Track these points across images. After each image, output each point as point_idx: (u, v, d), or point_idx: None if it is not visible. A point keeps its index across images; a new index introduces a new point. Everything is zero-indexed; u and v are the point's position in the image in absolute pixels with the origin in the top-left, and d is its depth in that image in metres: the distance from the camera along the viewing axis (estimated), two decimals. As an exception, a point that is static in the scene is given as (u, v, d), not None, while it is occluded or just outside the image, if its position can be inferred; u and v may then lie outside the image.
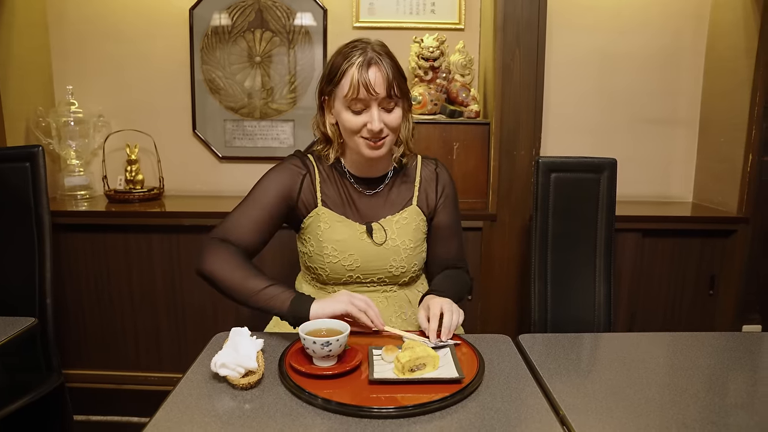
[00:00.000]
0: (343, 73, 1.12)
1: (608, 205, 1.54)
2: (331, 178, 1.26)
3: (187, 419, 0.82)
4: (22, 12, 2.06)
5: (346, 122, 1.15)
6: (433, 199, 1.29)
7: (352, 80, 1.11)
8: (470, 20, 2.22)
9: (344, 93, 1.12)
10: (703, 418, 0.85)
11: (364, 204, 1.25)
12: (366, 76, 1.10)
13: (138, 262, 2.00)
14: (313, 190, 1.24)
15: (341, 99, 1.14)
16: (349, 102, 1.13)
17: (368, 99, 1.12)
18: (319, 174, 1.26)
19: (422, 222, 1.28)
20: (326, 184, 1.25)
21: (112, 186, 2.23)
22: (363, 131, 1.15)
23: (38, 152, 1.60)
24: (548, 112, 2.20)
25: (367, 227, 1.22)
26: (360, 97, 1.12)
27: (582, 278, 1.54)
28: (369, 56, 1.12)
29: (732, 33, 2.05)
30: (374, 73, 1.11)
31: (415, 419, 0.83)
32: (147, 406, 0.92)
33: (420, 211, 1.27)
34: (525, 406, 0.88)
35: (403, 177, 1.29)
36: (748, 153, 1.95)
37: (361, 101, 1.12)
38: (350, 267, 1.22)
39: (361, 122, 1.14)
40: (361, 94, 1.11)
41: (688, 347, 1.13)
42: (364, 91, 1.11)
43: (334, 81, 1.14)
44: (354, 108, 1.14)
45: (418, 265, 1.28)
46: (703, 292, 2.05)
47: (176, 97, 2.25)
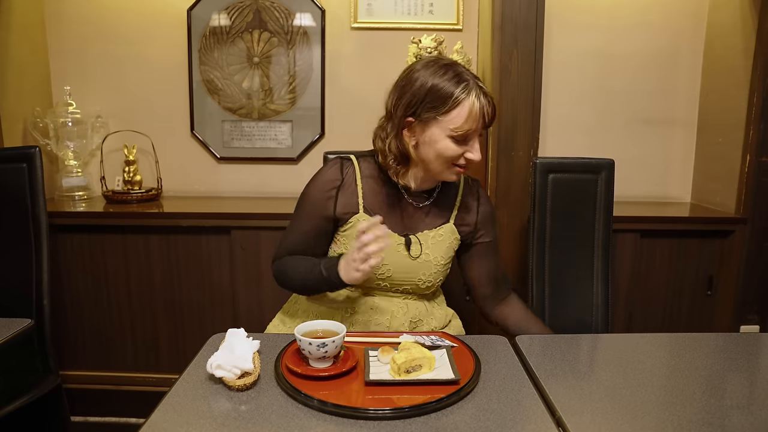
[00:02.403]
0: (457, 102, 1.09)
1: (606, 205, 1.54)
2: (378, 185, 1.24)
3: (182, 420, 0.82)
4: (19, 12, 2.06)
5: (445, 150, 1.12)
6: (472, 221, 1.29)
7: (472, 110, 1.09)
8: (468, 21, 2.22)
9: (456, 122, 1.10)
10: (700, 419, 0.85)
11: (409, 215, 1.25)
12: (486, 107, 1.11)
13: (136, 263, 1.99)
14: (355, 196, 1.22)
15: (446, 127, 1.10)
16: (458, 131, 1.10)
17: (477, 130, 1.12)
18: (362, 180, 1.23)
19: (455, 241, 1.27)
20: (370, 190, 1.23)
21: (110, 187, 2.23)
22: (460, 160, 1.14)
23: (35, 153, 1.60)
24: (546, 113, 2.20)
25: (406, 240, 1.22)
26: (474, 128, 1.11)
27: (580, 279, 1.54)
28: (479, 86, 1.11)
29: (730, 34, 2.05)
30: (488, 106, 1.11)
31: (411, 420, 0.83)
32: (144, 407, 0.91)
33: (455, 230, 1.27)
34: (521, 407, 0.88)
35: (445, 193, 1.28)
36: (745, 153, 1.95)
37: (470, 131, 1.11)
38: (381, 276, 1.21)
39: (461, 151, 1.13)
40: (478, 125, 1.11)
41: (685, 348, 1.13)
42: (482, 121, 1.11)
43: (442, 108, 1.10)
44: (458, 137, 1.11)
45: (442, 280, 1.29)
46: (701, 292, 2.05)
47: (174, 98, 2.25)
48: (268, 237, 1.94)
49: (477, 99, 1.09)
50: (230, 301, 2.01)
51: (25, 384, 1.52)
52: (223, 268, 1.99)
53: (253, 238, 1.95)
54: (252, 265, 1.97)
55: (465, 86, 1.09)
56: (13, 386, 1.50)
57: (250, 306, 2.00)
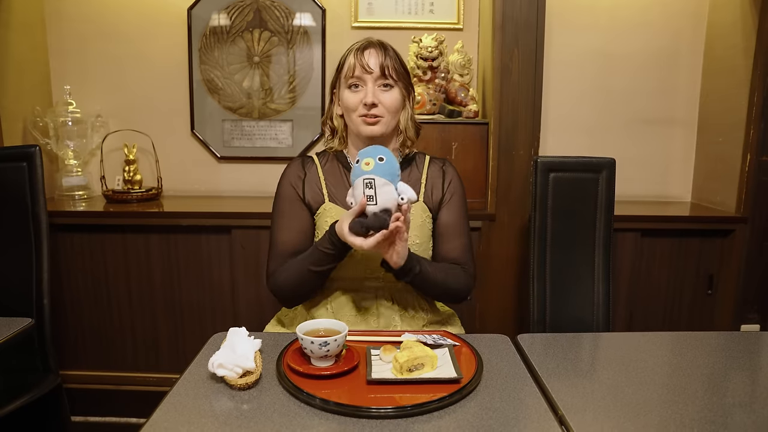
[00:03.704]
0: (344, 59, 1.24)
1: (607, 204, 1.54)
2: (338, 174, 1.29)
3: (184, 420, 0.82)
4: (19, 11, 2.06)
5: (345, 101, 1.23)
6: (438, 196, 1.29)
7: (350, 62, 1.22)
8: (469, 20, 2.22)
9: (344, 74, 1.23)
10: (701, 418, 0.85)
11: None
12: (361, 55, 1.21)
13: (136, 263, 1.99)
14: (319, 188, 1.27)
15: (343, 81, 1.24)
16: (347, 81, 1.22)
17: (363, 76, 1.20)
18: (323, 171, 1.29)
19: (428, 219, 1.28)
20: (332, 180, 1.28)
21: (110, 186, 2.22)
22: (360, 108, 1.21)
23: (35, 152, 1.59)
24: (547, 112, 2.20)
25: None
26: (356, 75, 1.21)
27: (581, 278, 1.54)
28: (368, 41, 1.23)
29: (730, 33, 2.05)
30: (368, 54, 1.21)
31: (414, 419, 0.83)
32: (145, 406, 0.91)
33: (426, 208, 1.28)
34: (524, 406, 0.88)
35: (410, 173, 1.30)
36: (746, 153, 1.96)
37: (358, 79, 1.21)
38: (358, 261, 1.22)
39: (358, 99, 1.21)
40: (357, 72, 1.20)
41: (686, 347, 1.13)
42: (360, 68, 1.20)
43: (338, 69, 1.25)
44: (353, 87, 1.22)
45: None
46: (702, 291, 2.05)
47: (174, 97, 2.25)
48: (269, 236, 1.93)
49: (355, 51, 1.21)
50: (230, 300, 2.00)
51: (26, 383, 1.51)
52: (224, 267, 1.99)
53: (253, 238, 1.95)
54: (252, 264, 1.96)
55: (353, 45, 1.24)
56: (13, 386, 1.50)
57: (250, 305, 1.99)
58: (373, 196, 1.04)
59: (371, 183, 1.04)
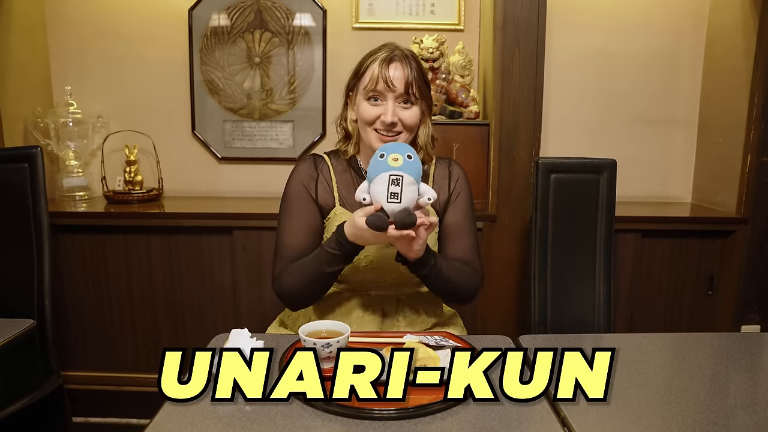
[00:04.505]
0: (366, 67, 1.19)
1: (608, 205, 1.54)
2: (349, 178, 1.27)
3: (187, 421, 0.82)
4: (20, 13, 2.06)
5: (362, 112, 1.19)
6: (445, 197, 1.28)
7: (373, 73, 1.17)
8: (470, 21, 2.22)
9: (365, 85, 1.18)
10: (703, 419, 0.85)
11: None
12: (386, 70, 1.16)
13: (137, 264, 1.99)
14: (330, 191, 1.25)
15: (362, 91, 1.19)
16: (368, 93, 1.18)
17: (385, 92, 1.16)
18: (335, 174, 1.27)
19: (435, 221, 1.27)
20: (343, 183, 1.26)
21: (111, 187, 2.22)
22: (377, 123, 1.18)
23: (36, 153, 1.59)
24: (548, 113, 2.20)
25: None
26: (378, 89, 1.16)
27: (582, 279, 1.55)
28: (393, 53, 1.18)
29: (731, 34, 2.06)
30: (394, 69, 1.16)
31: (417, 420, 0.83)
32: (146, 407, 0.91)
33: (433, 211, 1.27)
34: (526, 407, 0.88)
35: None
36: (746, 153, 1.96)
37: (379, 94, 1.17)
38: (366, 267, 1.22)
39: (377, 113, 1.17)
40: (380, 86, 1.16)
41: (687, 348, 1.13)
42: (383, 84, 1.16)
43: (358, 75, 1.21)
44: (371, 100, 1.18)
45: None
46: (702, 292, 2.06)
47: (175, 98, 2.25)
48: (270, 237, 1.93)
49: (379, 63, 1.16)
50: (231, 301, 2.00)
51: (27, 385, 1.51)
52: (225, 268, 1.99)
53: (254, 239, 1.95)
54: (253, 265, 1.97)
55: (375, 54, 1.19)
56: (14, 387, 1.50)
57: (251, 306, 2.00)
58: (398, 193, 1.00)
59: (398, 180, 1.00)
